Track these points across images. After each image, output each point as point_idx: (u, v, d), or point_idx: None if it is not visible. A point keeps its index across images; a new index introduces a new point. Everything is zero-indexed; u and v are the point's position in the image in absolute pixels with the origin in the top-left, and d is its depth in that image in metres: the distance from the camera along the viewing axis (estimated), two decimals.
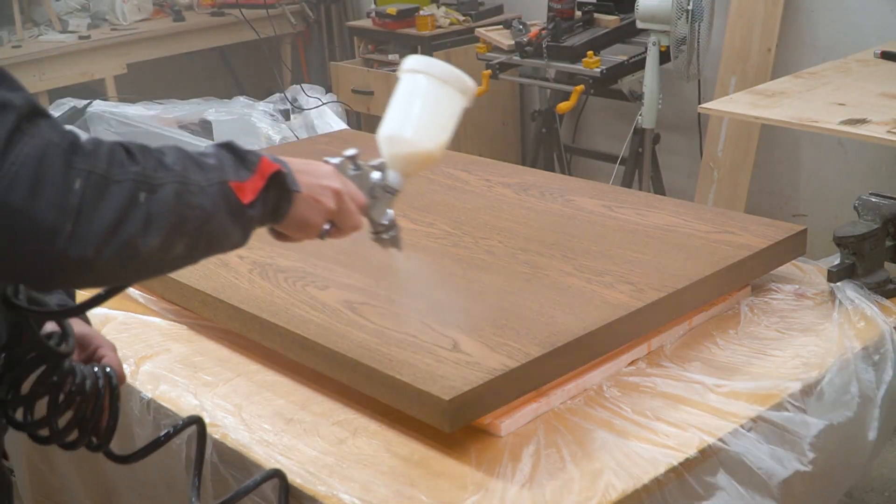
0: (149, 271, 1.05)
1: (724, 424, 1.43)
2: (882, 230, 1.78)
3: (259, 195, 1.10)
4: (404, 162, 1.36)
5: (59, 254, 0.93)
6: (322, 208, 1.21)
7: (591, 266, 1.74)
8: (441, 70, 1.37)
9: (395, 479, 1.35)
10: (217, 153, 1.10)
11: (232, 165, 1.10)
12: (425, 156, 1.38)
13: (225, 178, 1.08)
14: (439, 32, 4.43)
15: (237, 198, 1.08)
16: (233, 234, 1.10)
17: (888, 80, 2.79)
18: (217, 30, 5.10)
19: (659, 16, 3.49)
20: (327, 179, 1.23)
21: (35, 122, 0.94)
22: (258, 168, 1.11)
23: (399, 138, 1.36)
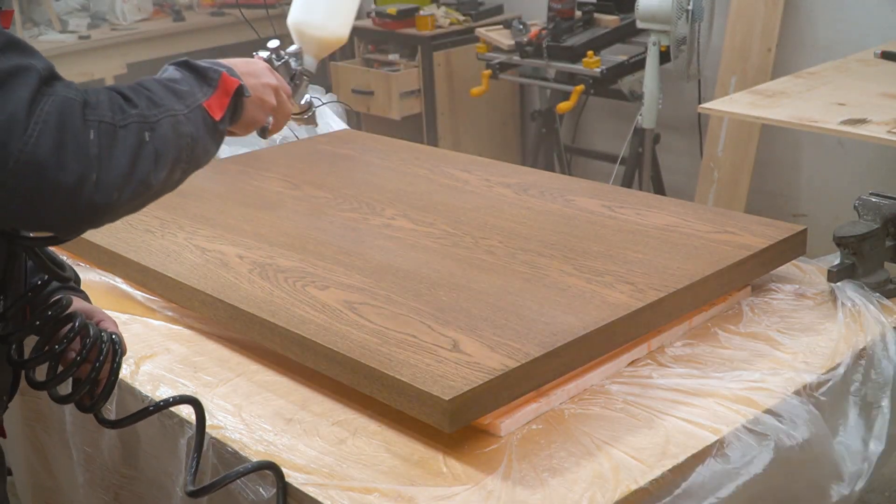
0: (153, 199, 1.12)
1: (725, 424, 1.43)
2: (882, 230, 1.78)
3: (227, 110, 1.20)
4: (316, 46, 1.47)
5: (87, 201, 1.00)
6: (266, 106, 1.32)
7: (591, 266, 1.74)
8: None
9: (395, 479, 1.35)
10: (183, 76, 1.18)
11: (198, 85, 1.18)
12: (335, 37, 1.48)
13: (198, 101, 1.16)
14: (439, 32, 4.44)
15: (211, 117, 1.17)
16: (211, 149, 1.19)
17: (888, 80, 2.79)
18: (217, 30, 5.10)
19: (659, 16, 3.49)
20: (265, 77, 1.32)
21: (52, 84, 1.00)
22: (220, 84, 1.20)
23: (312, 24, 1.47)
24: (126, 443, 1.69)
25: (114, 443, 1.69)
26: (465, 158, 2.44)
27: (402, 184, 2.24)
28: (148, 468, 1.64)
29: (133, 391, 1.62)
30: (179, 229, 2.02)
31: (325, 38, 1.48)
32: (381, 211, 2.08)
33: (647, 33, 3.59)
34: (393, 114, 4.45)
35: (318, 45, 1.47)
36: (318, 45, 1.47)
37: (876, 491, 2.77)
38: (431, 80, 4.44)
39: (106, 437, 1.70)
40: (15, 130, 0.95)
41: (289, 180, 2.31)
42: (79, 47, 4.61)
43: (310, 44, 1.47)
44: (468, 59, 4.37)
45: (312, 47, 1.47)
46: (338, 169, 2.39)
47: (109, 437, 1.67)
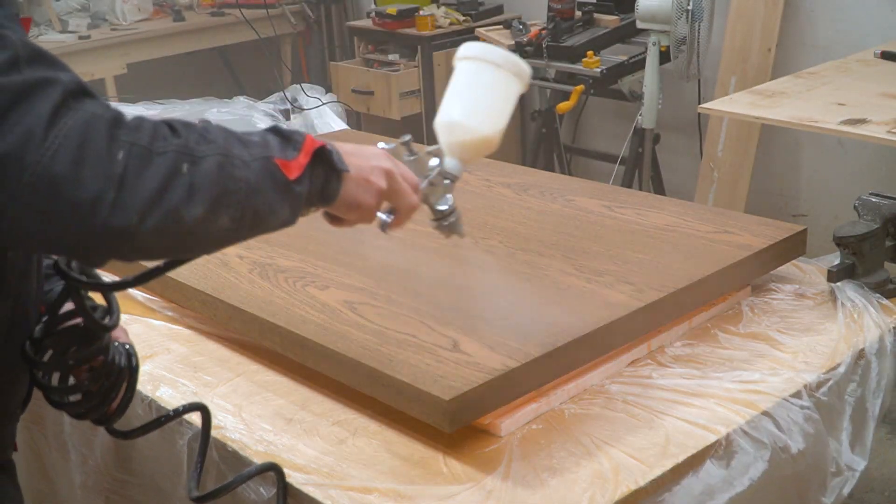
0: (194, 244, 1.05)
1: (725, 424, 1.43)
2: (882, 230, 1.78)
3: (305, 171, 1.11)
4: (461, 148, 1.36)
5: (103, 222, 0.94)
6: (373, 188, 1.21)
7: (591, 266, 1.74)
8: (497, 56, 1.36)
9: (395, 479, 1.35)
10: (262, 134, 1.11)
11: (278, 145, 1.10)
12: (482, 141, 1.37)
13: (270, 154, 1.08)
14: (439, 32, 4.44)
15: (283, 174, 1.09)
16: (280, 210, 1.11)
17: (888, 80, 2.79)
18: (217, 30, 5.10)
19: (659, 16, 3.49)
20: (377, 160, 1.23)
21: (81, 99, 0.97)
22: (303, 146, 1.12)
23: (456, 124, 1.35)
24: (122, 445, 1.69)
25: (109, 445, 1.69)
26: None
27: None
28: (145, 470, 1.64)
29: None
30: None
31: (469, 140, 1.36)
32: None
33: (647, 33, 3.59)
34: (393, 114, 4.45)
35: (462, 146, 1.36)
36: (461, 146, 1.35)
37: (876, 491, 2.77)
38: (431, 80, 4.44)
39: (101, 440, 1.70)
40: (32, 143, 0.92)
41: None
42: (79, 47, 4.61)
43: (453, 145, 1.35)
44: None
45: (456, 148, 1.35)
46: None
47: (105, 439, 1.67)
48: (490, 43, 1.72)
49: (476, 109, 1.36)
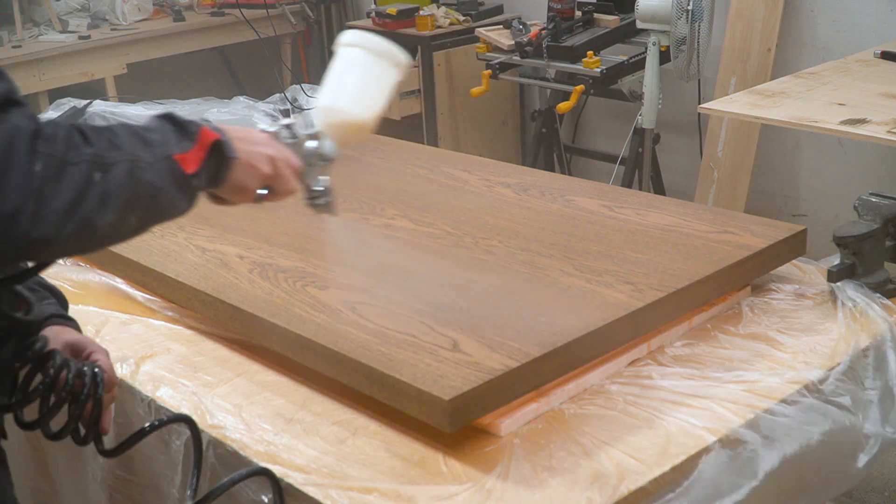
0: (104, 244, 1.13)
1: (725, 424, 1.43)
2: (882, 230, 1.78)
3: (202, 165, 1.17)
4: (339, 131, 1.41)
5: (23, 233, 0.99)
6: (258, 173, 1.27)
7: (591, 266, 1.74)
8: (376, 45, 1.43)
9: (395, 479, 1.35)
10: (160, 126, 1.16)
11: (175, 137, 1.16)
12: (359, 125, 1.43)
13: (170, 151, 1.14)
14: (439, 32, 4.43)
15: (182, 170, 1.15)
16: (180, 203, 1.17)
17: (888, 80, 2.79)
18: (217, 30, 5.10)
19: (659, 16, 3.49)
20: (262, 146, 1.29)
21: (7, 110, 0.99)
22: (199, 138, 1.17)
23: (335, 109, 1.42)
24: None
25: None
26: (465, 158, 2.44)
27: (402, 184, 2.24)
28: (144, 470, 1.64)
29: (133, 391, 1.62)
30: (179, 229, 2.02)
31: (347, 123, 1.43)
32: (381, 211, 2.08)
33: (647, 33, 3.59)
34: (393, 114, 4.45)
35: (340, 129, 1.42)
36: (339, 129, 1.42)
37: (876, 491, 2.77)
38: (431, 80, 4.44)
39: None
40: None
41: None
42: (79, 47, 4.61)
43: (331, 128, 1.41)
44: (468, 59, 4.36)
45: (334, 131, 1.41)
46: (338, 169, 2.38)
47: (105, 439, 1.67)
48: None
49: (353, 95, 1.43)
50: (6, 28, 4.66)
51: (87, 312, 1.88)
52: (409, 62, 1.44)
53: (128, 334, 1.79)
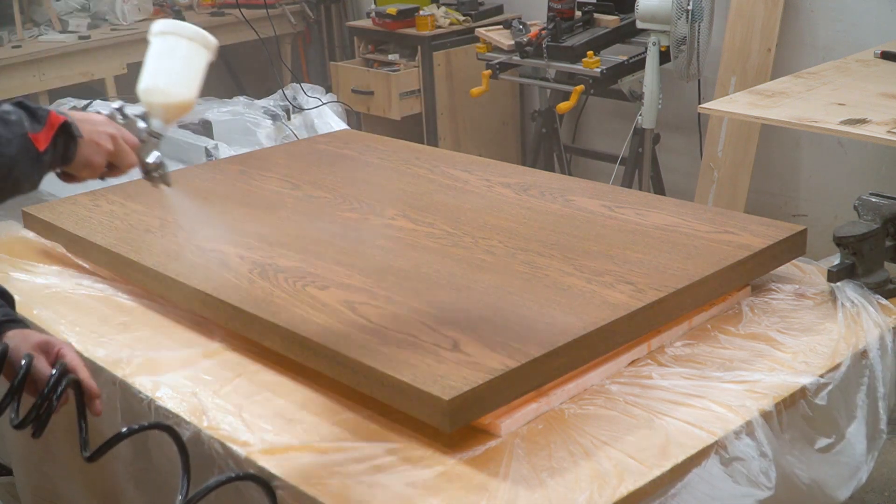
0: None
1: (724, 424, 1.43)
2: (882, 230, 1.78)
3: (51, 143, 1.34)
4: (162, 110, 1.56)
5: None
6: (102, 150, 1.43)
7: (591, 266, 1.74)
8: (187, 30, 1.58)
9: (396, 479, 1.35)
10: (14, 110, 1.33)
11: (28, 119, 1.32)
12: (179, 104, 1.58)
13: (24, 130, 1.31)
14: (439, 32, 4.44)
15: (35, 147, 1.32)
16: (33, 176, 1.33)
17: (888, 80, 2.79)
18: (217, 30, 5.07)
19: (659, 16, 3.49)
20: (103, 126, 1.45)
21: None
22: (48, 120, 1.34)
23: (155, 90, 1.56)
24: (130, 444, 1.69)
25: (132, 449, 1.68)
26: (465, 158, 2.44)
27: (402, 184, 2.24)
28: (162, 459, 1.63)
29: (133, 392, 1.62)
30: (179, 229, 2.02)
31: (168, 103, 1.56)
32: (381, 211, 2.08)
33: (647, 33, 3.59)
34: (393, 114, 4.45)
35: (163, 108, 1.56)
36: (162, 109, 1.56)
37: (876, 491, 2.77)
38: (431, 80, 4.44)
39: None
40: None
41: (289, 180, 2.31)
42: (79, 47, 4.61)
43: (155, 108, 1.56)
44: (468, 59, 4.36)
45: (158, 111, 1.56)
46: (338, 169, 2.39)
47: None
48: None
49: (171, 77, 1.57)
50: (6, 28, 4.66)
51: (89, 320, 1.88)
52: (217, 43, 1.59)
53: (128, 335, 1.79)
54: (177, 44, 1.57)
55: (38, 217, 2.17)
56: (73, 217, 2.13)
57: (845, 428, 1.58)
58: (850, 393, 1.60)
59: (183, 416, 1.52)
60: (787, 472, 1.47)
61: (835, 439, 1.57)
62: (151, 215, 2.11)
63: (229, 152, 3.36)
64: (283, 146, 2.74)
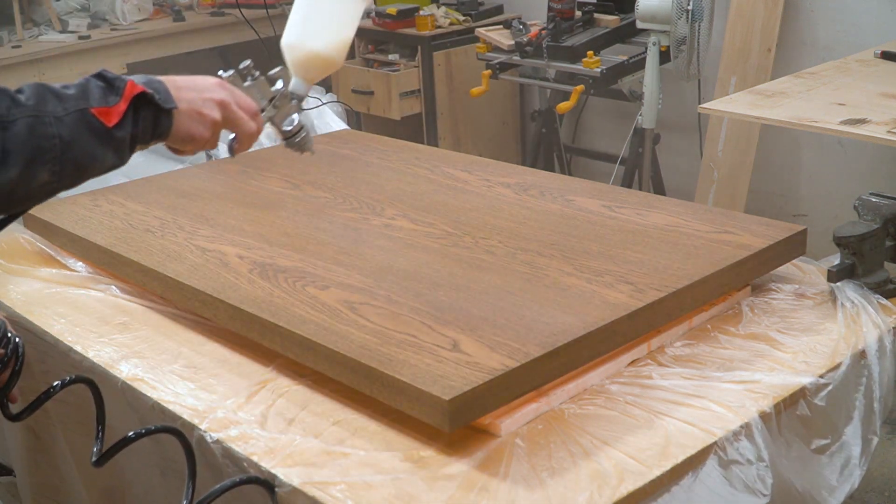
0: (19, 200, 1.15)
1: (724, 424, 1.43)
2: (882, 230, 1.78)
3: (125, 116, 1.19)
4: (304, 67, 1.41)
5: None
6: (206, 120, 1.29)
7: (591, 266, 1.74)
8: None
9: (396, 478, 1.35)
10: (85, 83, 1.20)
11: (100, 92, 1.19)
12: (326, 60, 1.42)
13: (87, 104, 1.17)
14: (439, 32, 4.44)
15: (101, 122, 1.17)
16: (104, 156, 1.20)
17: (888, 80, 2.79)
18: (217, 30, 5.10)
19: (659, 16, 3.49)
20: (210, 92, 1.31)
21: None
22: (124, 91, 1.20)
23: (301, 45, 1.41)
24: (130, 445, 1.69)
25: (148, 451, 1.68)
26: (465, 158, 2.44)
27: (402, 184, 2.24)
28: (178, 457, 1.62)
29: (133, 392, 1.62)
30: (179, 229, 2.02)
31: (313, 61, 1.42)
32: (381, 211, 2.08)
33: (647, 33, 3.59)
34: (393, 114, 4.46)
35: (306, 65, 1.42)
36: (305, 65, 1.42)
37: (876, 491, 2.77)
38: (431, 80, 4.44)
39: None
40: None
41: (289, 180, 2.31)
42: (79, 47, 4.61)
43: (299, 65, 1.42)
44: (468, 59, 4.37)
45: (300, 68, 1.42)
46: (338, 169, 2.39)
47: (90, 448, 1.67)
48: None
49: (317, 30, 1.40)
50: (6, 28, 4.66)
51: (89, 320, 1.89)
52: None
53: (128, 335, 1.79)
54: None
55: (38, 217, 2.17)
56: (73, 217, 2.13)
57: (842, 429, 1.58)
58: (848, 393, 1.60)
59: (183, 416, 1.52)
60: (786, 473, 1.47)
61: (831, 440, 1.57)
62: (151, 215, 2.11)
63: None
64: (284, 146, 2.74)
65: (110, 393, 1.65)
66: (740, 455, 1.41)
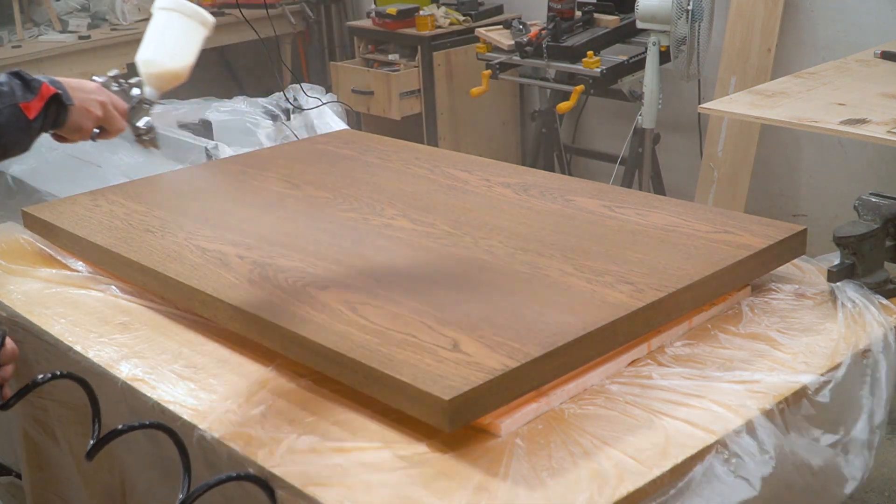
0: None
1: (725, 425, 1.43)
2: (882, 230, 1.78)
3: (41, 112, 1.51)
4: (157, 79, 1.75)
5: None
6: (92, 116, 1.62)
7: (591, 266, 1.74)
8: (188, 7, 1.77)
9: (396, 479, 1.35)
10: (9, 81, 1.50)
11: (21, 91, 1.50)
12: (174, 74, 1.76)
13: (15, 101, 1.49)
14: (439, 32, 4.44)
15: (25, 116, 1.49)
16: (21, 142, 1.52)
17: (888, 80, 2.79)
18: (217, 30, 5.07)
19: (659, 16, 3.49)
20: (94, 94, 1.63)
21: None
22: (41, 91, 1.52)
23: (153, 61, 1.75)
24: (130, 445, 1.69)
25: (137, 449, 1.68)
26: (465, 158, 2.44)
27: (402, 184, 2.24)
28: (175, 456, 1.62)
29: (134, 392, 1.62)
30: (179, 229, 2.02)
31: (164, 73, 1.75)
32: (381, 211, 2.08)
33: (647, 33, 3.59)
34: (393, 114, 4.46)
35: (158, 78, 1.75)
36: (157, 78, 1.75)
37: (876, 491, 2.77)
38: (431, 80, 4.44)
39: None
40: None
41: (289, 180, 2.31)
42: (79, 47, 4.61)
43: (151, 77, 1.74)
44: (468, 59, 4.37)
45: (153, 80, 1.74)
46: (338, 169, 2.39)
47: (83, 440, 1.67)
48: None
49: (169, 50, 1.75)
50: (6, 28, 4.67)
51: (89, 320, 1.89)
52: (214, 21, 1.80)
53: (129, 335, 1.79)
54: (176, 19, 1.76)
55: (38, 217, 2.17)
56: (73, 217, 2.13)
57: (845, 428, 1.58)
58: (850, 393, 1.60)
59: (183, 416, 1.52)
60: (787, 472, 1.47)
61: (835, 439, 1.57)
62: (151, 215, 2.11)
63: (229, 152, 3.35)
64: (283, 146, 2.74)
65: (110, 393, 1.65)
66: (741, 452, 1.41)
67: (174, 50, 1.75)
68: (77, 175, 3.31)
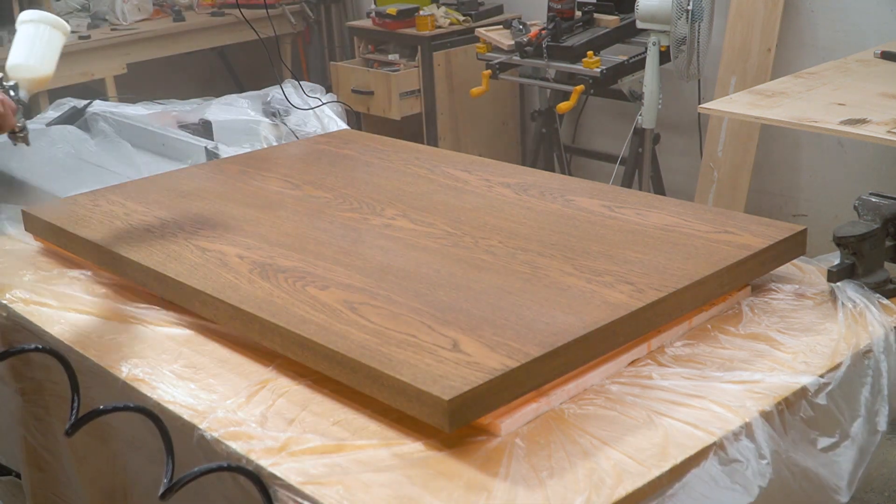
0: None
1: (724, 425, 1.43)
2: (882, 230, 1.78)
3: None
4: (28, 83, 1.95)
5: None
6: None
7: (591, 266, 1.74)
8: (49, 18, 2.03)
9: (396, 479, 1.35)
10: None
11: None
12: (40, 78, 1.97)
13: None
14: (439, 32, 4.44)
15: None
16: None
17: (888, 80, 2.79)
18: (217, 30, 5.10)
19: (659, 16, 3.49)
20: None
21: None
22: None
23: (22, 66, 1.95)
24: (129, 445, 1.69)
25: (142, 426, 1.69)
26: (465, 158, 2.44)
27: (402, 184, 2.24)
28: (154, 466, 1.64)
29: (133, 392, 1.62)
30: (179, 229, 2.02)
31: (31, 78, 1.95)
32: (381, 211, 2.08)
33: (647, 33, 3.59)
34: (393, 114, 4.46)
35: (29, 81, 1.94)
36: (28, 81, 1.94)
37: (876, 491, 2.77)
38: (431, 80, 4.44)
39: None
40: None
41: (289, 180, 2.31)
42: (79, 47, 4.61)
43: (22, 81, 1.93)
44: (468, 59, 4.37)
45: (24, 83, 1.94)
46: (338, 169, 2.39)
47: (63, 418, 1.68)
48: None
49: (38, 56, 1.98)
50: (6, 28, 4.66)
51: (89, 320, 1.89)
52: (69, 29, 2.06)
53: (127, 335, 1.79)
54: (41, 29, 2.00)
55: (37, 217, 2.17)
56: (73, 217, 2.13)
57: (846, 428, 1.58)
58: (851, 393, 1.60)
59: (183, 416, 1.52)
60: (787, 473, 1.47)
61: (835, 440, 1.57)
62: (151, 215, 2.11)
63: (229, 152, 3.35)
64: (283, 146, 2.74)
65: (110, 393, 1.65)
66: (740, 455, 1.41)
67: (44, 56, 1.98)
68: (77, 175, 3.30)
